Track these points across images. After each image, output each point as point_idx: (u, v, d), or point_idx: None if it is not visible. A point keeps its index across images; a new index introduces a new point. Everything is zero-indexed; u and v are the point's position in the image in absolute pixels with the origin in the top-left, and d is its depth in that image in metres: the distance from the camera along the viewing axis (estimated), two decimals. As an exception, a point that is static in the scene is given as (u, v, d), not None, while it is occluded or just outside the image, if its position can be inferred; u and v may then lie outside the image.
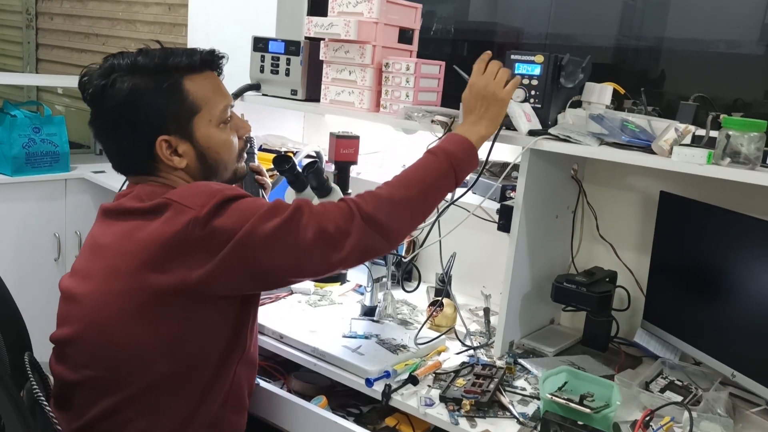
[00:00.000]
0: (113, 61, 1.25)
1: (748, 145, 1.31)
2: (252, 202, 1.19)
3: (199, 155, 1.29)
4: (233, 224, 1.14)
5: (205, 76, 1.30)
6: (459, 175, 1.32)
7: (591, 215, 1.84)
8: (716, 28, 1.91)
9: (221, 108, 1.30)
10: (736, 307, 1.47)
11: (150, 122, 1.24)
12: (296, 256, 1.16)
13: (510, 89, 1.43)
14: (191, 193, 1.19)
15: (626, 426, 1.34)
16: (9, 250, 2.48)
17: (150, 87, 1.23)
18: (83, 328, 1.23)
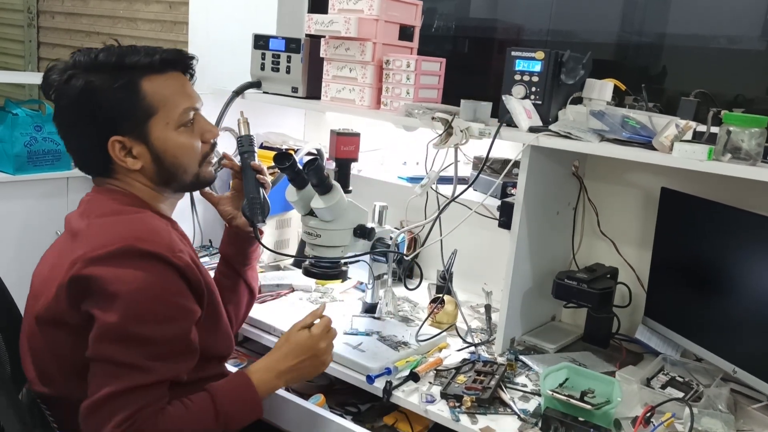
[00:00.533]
0: (75, 57, 1.22)
1: (749, 141, 1.31)
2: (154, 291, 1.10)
3: (154, 158, 1.24)
4: (106, 297, 1.08)
5: (167, 77, 1.25)
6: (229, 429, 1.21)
7: (592, 212, 1.84)
8: (717, 23, 1.90)
9: (180, 111, 1.25)
10: (736, 303, 1.47)
11: (103, 122, 1.21)
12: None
13: (330, 360, 1.36)
14: (101, 230, 1.15)
15: (627, 422, 1.34)
16: (10, 248, 2.49)
17: (105, 85, 1.19)
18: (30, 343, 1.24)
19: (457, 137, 1.55)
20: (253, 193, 1.49)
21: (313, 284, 1.92)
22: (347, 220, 1.59)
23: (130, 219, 1.20)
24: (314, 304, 1.83)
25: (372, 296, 1.76)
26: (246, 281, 1.55)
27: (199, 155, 1.30)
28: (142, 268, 1.10)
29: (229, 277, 1.53)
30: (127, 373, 1.09)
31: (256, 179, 1.51)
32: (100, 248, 1.10)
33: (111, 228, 1.16)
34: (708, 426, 1.31)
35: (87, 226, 1.18)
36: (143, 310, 1.10)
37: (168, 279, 1.13)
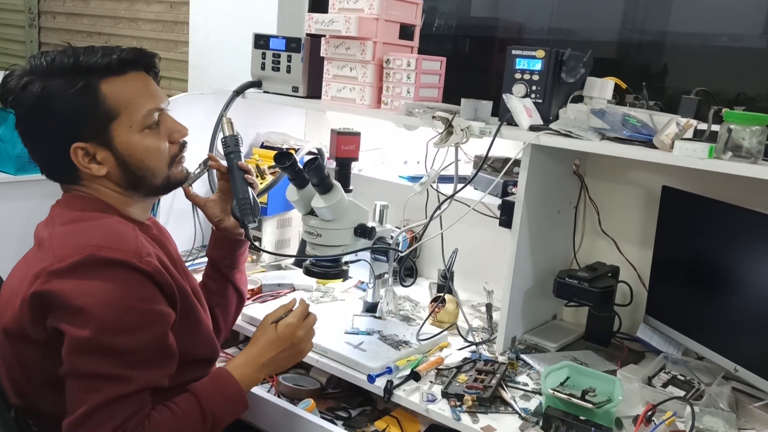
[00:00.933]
0: (32, 62, 1.17)
1: (750, 139, 1.31)
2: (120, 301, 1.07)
3: (120, 163, 1.20)
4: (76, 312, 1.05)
5: (128, 77, 1.20)
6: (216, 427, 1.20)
7: (593, 210, 1.83)
8: (719, 21, 1.90)
9: (144, 112, 1.20)
10: (738, 301, 1.47)
11: (63, 128, 1.16)
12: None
13: (310, 347, 1.37)
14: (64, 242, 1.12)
15: (628, 421, 1.34)
16: (12, 248, 2.48)
17: (62, 90, 1.14)
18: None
19: (458, 136, 1.55)
20: (242, 193, 1.45)
21: (314, 284, 1.92)
22: (348, 219, 1.59)
23: (92, 226, 1.15)
24: (315, 303, 1.83)
25: (373, 295, 1.76)
26: (234, 285, 1.52)
27: (167, 157, 1.26)
28: (108, 278, 1.07)
29: (217, 281, 1.50)
30: (108, 384, 1.06)
31: (243, 179, 1.48)
32: (61, 260, 1.07)
33: (72, 237, 1.12)
34: (709, 424, 1.31)
35: (50, 235, 1.14)
36: (114, 322, 1.06)
37: (137, 285, 1.10)
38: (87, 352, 1.06)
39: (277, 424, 1.45)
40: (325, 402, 1.61)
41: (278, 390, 1.63)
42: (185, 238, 2.13)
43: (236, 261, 1.53)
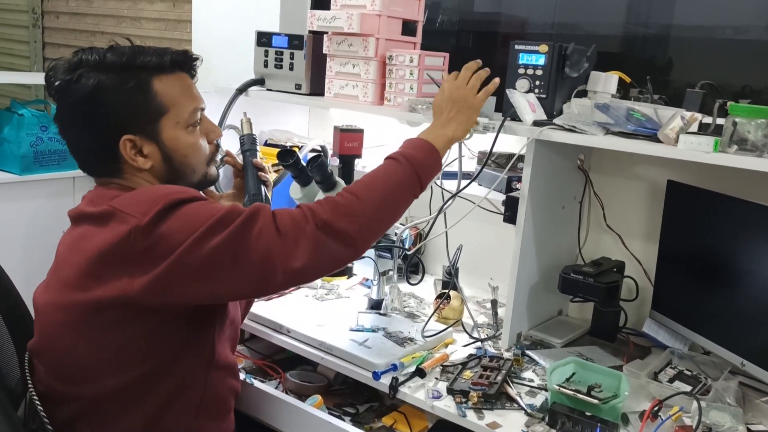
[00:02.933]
0: (81, 56, 1.21)
1: (755, 132, 1.30)
2: (201, 208, 1.12)
3: (165, 157, 1.25)
4: (177, 234, 1.08)
5: (175, 77, 1.26)
6: (423, 180, 1.28)
7: (598, 205, 1.83)
8: (723, 14, 1.88)
9: (190, 110, 1.26)
10: (744, 295, 1.46)
11: (114, 121, 1.20)
12: (244, 273, 1.10)
13: (482, 96, 1.43)
14: (134, 200, 1.14)
15: (635, 416, 1.33)
16: (18, 248, 2.50)
17: (116, 85, 1.19)
18: (39, 340, 1.22)
19: (461, 132, 1.54)
20: (254, 190, 1.49)
21: (318, 281, 1.92)
22: (352, 216, 1.58)
23: (150, 187, 1.20)
24: (320, 300, 1.83)
25: (377, 292, 1.76)
26: None
27: (206, 155, 1.32)
28: (190, 208, 1.12)
29: None
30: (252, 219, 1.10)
31: (257, 176, 1.51)
32: (145, 215, 1.09)
33: (140, 196, 1.15)
34: (716, 419, 1.30)
35: (111, 206, 1.14)
36: (199, 218, 1.10)
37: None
38: (208, 234, 1.08)
39: (284, 421, 1.46)
40: (332, 398, 1.61)
41: (286, 386, 1.64)
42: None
43: None
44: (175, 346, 1.21)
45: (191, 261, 1.08)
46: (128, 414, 1.20)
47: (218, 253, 1.08)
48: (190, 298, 1.15)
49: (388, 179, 1.24)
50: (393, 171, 1.25)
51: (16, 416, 1.14)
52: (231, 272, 1.10)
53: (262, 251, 1.09)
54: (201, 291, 1.12)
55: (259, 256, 1.09)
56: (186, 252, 1.07)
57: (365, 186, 1.21)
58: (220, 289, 1.12)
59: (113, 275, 1.11)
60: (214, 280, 1.10)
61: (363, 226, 1.17)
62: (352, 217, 1.15)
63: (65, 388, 1.19)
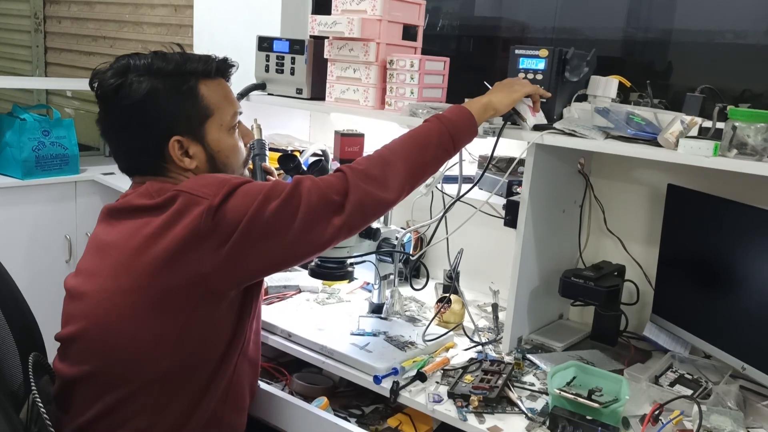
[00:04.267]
0: (129, 61, 1.28)
1: (755, 136, 1.30)
2: (254, 185, 1.22)
3: (209, 158, 1.32)
4: (239, 210, 1.17)
5: (217, 82, 1.34)
6: (455, 137, 1.37)
7: (598, 209, 1.83)
8: (723, 18, 1.89)
9: (231, 114, 1.34)
10: (745, 299, 1.46)
11: (164, 123, 1.27)
12: (302, 229, 1.19)
13: (528, 83, 1.52)
14: (201, 183, 1.22)
15: (635, 420, 1.33)
16: (20, 252, 2.51)
17: (167, 89, 1.27)
18: (88, 325, 1.24)
19: (462, 136, 1.55)
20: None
21: (319, 285, 1.92)
22: (353, 220, 1.58)
23: (209, 175, 1.28)
24: (320, 305, 1.83)
25: (378, 296, 1.76)
26: None
27: (243, 157, 1.40)
28: (251, 186, 1.21)
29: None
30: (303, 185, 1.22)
31: (266, 180, 1.54)
32: (215, 195, 1.17)
33: (203, 180, 1.23)
34: (717, 423, 1.31)
35: (177, 190, 1.21)
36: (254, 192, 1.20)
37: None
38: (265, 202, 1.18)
39: (291, 422, 1.46)
40: (338, 400, 1.62)
41: (292, 388, 1.65)
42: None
43: None
44: (225, 330, 1.27)
45: (254, 229, 1.17)
46: (176, 398, 1.24)
47: (276, 215, 1.18)
48: (256, 268, 1.23)
49: (418, 134, 1.35)
50: (425, 127, 1.37)
51: (18, 419, 1.14)
52: (289, 232, 1.19)
53: (314, 207, 1.19)
54: (265, 257, 1.21)
55: (312, 211, 1.19)
56: (249, 222, 1.17)
57: (398, 141, 1.34)
58: (282, 251, 1.21)
59: (189, 257, 1.17)
60: (277, 242, 1.19)
61: (396, 174, 1.28)
62: (386, 166, 1.28)
63: (115, 372, 1.22)
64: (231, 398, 1.33)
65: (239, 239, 1.17)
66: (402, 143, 1.33)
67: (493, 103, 1.46)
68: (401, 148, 1.32)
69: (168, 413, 1.24)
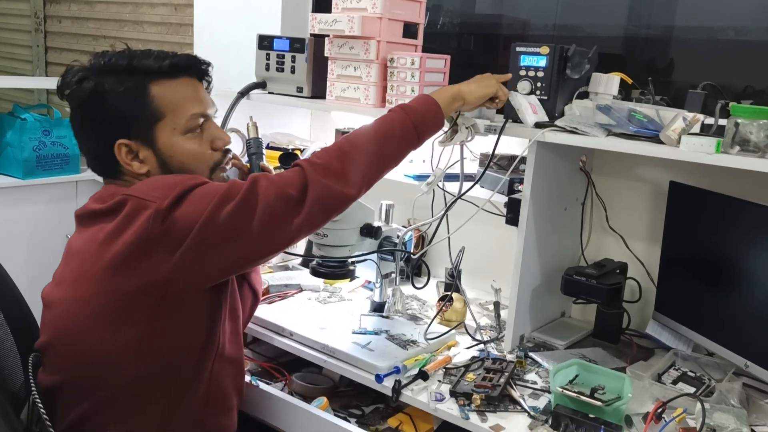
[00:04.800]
0: (92, 61, 1.24)
1: (758, 133, 1.30)
2: (210, 187, 1.16)
3: (161, 163, 1.25)
4: (192, 213, 1.12)
5: (179, 82, 1.26)
6: (420, 128, 1.31)
7: (600, 207, 1.82)
8: (725, 15, 1.88)
9: (188, 116, 1.25)
10: (748, 296, 1.46)
11: (111, 124, 1.22)
12: (261, 230, 1.14)
13: (503, 92, 1.48)
14: (150, 187, 1.17)
15: (638, 418, 1.33)
16: (21, 252, 2.50)
17: (114, 88, 1.21)
18: (55, 334, 1.22)
19: (463, 134, 1.54)
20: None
21: (321, 284, 1.92)
22: (354, 219, 1.58)
23: (164, 176, 1.23)
24: (322, 303, 1.83)
25: (380, 295, 1.76)
26: (250, 283, 1.54)
27: (209, 162, 1.30)
28: (203, 190, 1.16)
29: (232, 279, 1.50)
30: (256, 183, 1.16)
31: None
32: (164, 198, 1.12)
33: (157, 182, 1.18)
34: (720, 421, 1.30)
35: (130, 190, 1.18)
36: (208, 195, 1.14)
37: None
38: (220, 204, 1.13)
39: (290, 423, 1.46)
40: (338, 400, 1.61)
41: (291, 388, 1.64)
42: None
43: None
44: (187, 337, 1.23)
45: (209, 233, 1.12)
46: (149, 405, 1.22)
47: (232, 218, 1.12)
48: (213, 272, 1.18)
49: (379, 125, 1.29)
50: (388, 117, 1.31)
51: (18, 420, 1.14)
52: (247, 234, 1.13)
53: (272, 206, 1.14)
54: (223, 260, 1.15)
55: (270, 211, 1.14)
56: (203, 226, 1.11)
57: (360, 132, 1.28)
58: (240, 253, 1.16)
59: (141, 262, 1.13)
60: (236, 245, 1.14)
61: (356, 165, 1.22)
62: (345, 158, 1.21)
63: (84, 381, 1.20)
64: (213, 401, 1.29)
65: (193, 243, 1.11)
66: (363, 135, 1.27)
67: (462, 93, 1.40)
68: (362, 140, 1.26)
69: (145, 420, 1.22)
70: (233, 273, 1.26)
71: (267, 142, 2.26)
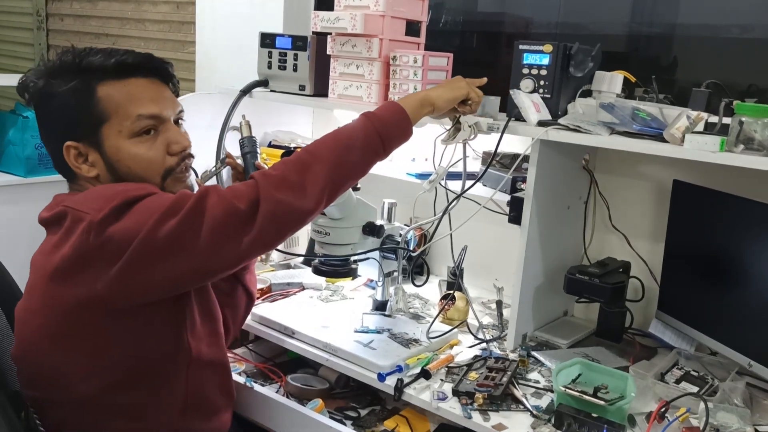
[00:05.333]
0: (48, 60, 1.23)
1: (762, 132, 1.29)
2: (156, 199, 1.10)
3: (109, 167, 1.20)
4: (131, 228, 1.06)
5: (128, 83, 1.19)
6: (385, 137, 1.24)
7: (603, 205, 1.82)
8: (729, 12, 1.88)
9: (133, 118, 1.18)
10: (751, 295, 1.45)
11: (58, 125, 1.19)
12: (209, 247, 1.07)
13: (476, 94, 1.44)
14: (89, 198, 1.12)
15: (641, 418, 1.33)
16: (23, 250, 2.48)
17: (61, 89, 1.17)
18: (18, 347, 1.21)
19: (465, 132, 1.54)
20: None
21: (323, 282, 1.92)
22: (356, 217, 1.58)
23: (109, 185, 1.18)
24: (324, 302, 1.83)
25: (382, 294, 1.76)
26: (244, 285, 1.52)
27: (160, 168, 1.23)
28: (145, 204, 1.09)
29: (226, 281, 1.48)
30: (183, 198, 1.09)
31: None
32: (100, 210, 1.07)
33: (97, 193, 1.14)
34: (723, 420, 1.30)
35: (72, 202, 1.13)
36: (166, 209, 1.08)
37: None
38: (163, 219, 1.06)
39: (285, 425, 1.45)
40: (333, 402, 1.60)
41: (287, 390, 1.63)
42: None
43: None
44: (147, 349, 1.18)
45: (150, 247, 1.06)
46: (111, 418, 1.18)
47: (174, 234, 1.05)
48: (155, 289, 1.11)
49: (343, 132, 1.22)
50: (351, 126, 1.24)
51: (18, 420, 1.14)
52: (192, 250, 1.06)
53: (219, 222, 1.06)
54: (166, 276, 1.09)
55: (218, 228, 1.06)
56: (143, 240, 1.05)
57: (321, 141, 1.20)
58: (184, 270, 1.09)
59: (79, 276, 1.09)
60: (177, 261, 1.07)
61: (315, 176, 1.14)
62: (304, 170, 1.13)
63: (45, 395, 1.18)
64: (193, 408, 1.26)
65: (132, 258, 1.05)
66: (324, 144, 1.19)
67: (431, 98, 1.34)
68: (323, 150, 1.18)
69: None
70: (181, 290, 1.18)
71: (269, 140, 2.26)
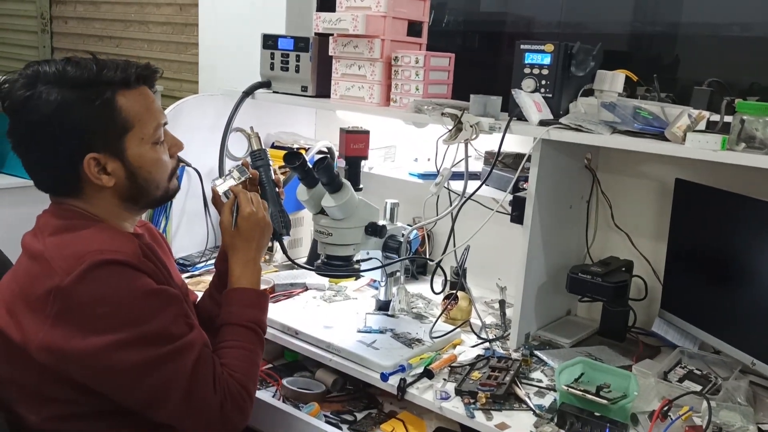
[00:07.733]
0: (39, 69, 1.16)
1: (764, 130, 1.29)
2: (128, 285, 1.13)
3: (129, 174, 1.21)
4: (93, 305, 1.10)
5: (139, 92, 1.22)
6: (262, 324, 1.35)
7: (605, 204, 1.82)
8: (730, 11, 1.87)
9: (155, 125, 1.23)
10: (755, 294, 1.45)
11: (78, 139, 1.16)
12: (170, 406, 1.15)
13: (265, 216, 1.42)
14: (65, 252, 1.13)
15: (644, 416, 1.33)
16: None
17: (80, 101, 1.15)
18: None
19: (467, 132, 1.54)
20: (277, 206, 1.49)
21: (326, 283, 1.92)
22: (358, 218, 1.59)
23: (85, 234, 1.18)
24: (327, 302, 1.83)
25: (385, 294, 1.76)
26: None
27: (168, 170, 1.29)
28: (116, 278, 1.12)
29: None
30: (175, 360, 1.14)
31: (276, 193, 1.51)
32: (68, 273, 1.09)
33: (69, 247, 1.14)
34: (727, 419, 1.30)
35: (43, 247, 1.16)
36: (140, 312, 1.13)
37: (141, 277, 1.16)
38: (134, 345, 1.11)
39: (281, 429, 1.45)
40: (329, 405, 1.60)
41: (282, 394, 1.62)
42: (198, 239, 2.14)
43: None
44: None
45: (110, 362, 1.10)
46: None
47: (135, 371, 1.12)
48: (86, 387, 1.14)
49: (247, 348, 1.29)
50: (250, 341, 1.30)
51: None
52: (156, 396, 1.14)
53: (197, 400, 1.15)
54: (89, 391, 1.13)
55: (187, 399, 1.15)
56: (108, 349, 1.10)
57: (243, 368, 1.26)
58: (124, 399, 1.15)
59: (23, 318, 1.12)
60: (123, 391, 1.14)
61: (250, 384, 1.26)
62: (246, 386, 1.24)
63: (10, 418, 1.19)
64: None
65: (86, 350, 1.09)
66: (249, 368, 1.28)
67: (252, 254, 1.38)
68: (250, 373, 1.28)
69: None
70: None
71: (272, 141, 2.26)
